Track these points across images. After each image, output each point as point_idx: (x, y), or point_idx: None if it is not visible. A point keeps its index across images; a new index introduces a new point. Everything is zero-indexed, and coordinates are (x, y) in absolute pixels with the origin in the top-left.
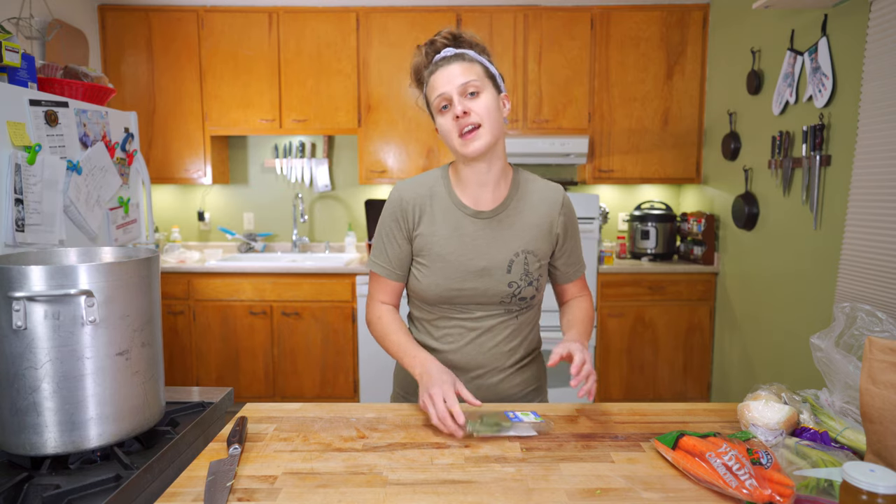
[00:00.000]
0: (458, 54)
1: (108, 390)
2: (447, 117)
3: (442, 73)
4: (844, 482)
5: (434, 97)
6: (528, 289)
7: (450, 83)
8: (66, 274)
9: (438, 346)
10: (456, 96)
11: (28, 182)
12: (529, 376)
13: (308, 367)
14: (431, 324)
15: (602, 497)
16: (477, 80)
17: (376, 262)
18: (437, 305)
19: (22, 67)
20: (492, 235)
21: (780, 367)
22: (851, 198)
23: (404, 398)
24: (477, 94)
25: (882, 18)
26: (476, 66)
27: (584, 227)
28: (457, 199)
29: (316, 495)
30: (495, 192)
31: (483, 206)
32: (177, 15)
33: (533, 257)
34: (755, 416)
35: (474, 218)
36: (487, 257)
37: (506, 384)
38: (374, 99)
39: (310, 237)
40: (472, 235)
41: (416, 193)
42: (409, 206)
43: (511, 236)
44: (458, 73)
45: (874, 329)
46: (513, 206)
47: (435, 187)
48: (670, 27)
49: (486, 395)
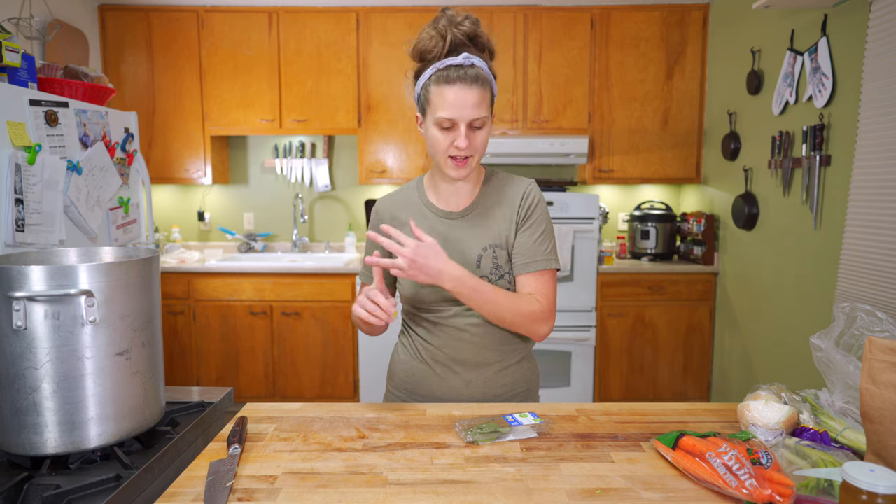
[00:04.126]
0: (476, 75)
1: (108, 390)
2: (446, 136)
3: (457, 94)
4: (844, 482)
5: (439, 114)
6: (500, 282)
7: (462, 111)
8: (66, 274)
9: (427, 341)
10: (463, 126)
11: (28, 182)
12: (519, 377)
13: (308, 367)
14: (419, 322)
15: (602, 497)
16: (486, 114)
17: (363, 272)
18: (418, 304)
19: (22, 67)
20: (461, 234)
21: (780, 367)
22: (851, 198)
23: (397, 397)
24: (482, 126)
25: (882, 18)
26: (487, 94)
27: (583, 227)
28: (428, 202)
29: (316, 495)
30: (468, 195)
31: (454, 207)
32: (177, 15)
33: (501, 251)
34: (755, 416)
35: (445, 219)
36: (457, 254)
37: (495, 381)
38: (374, 99)
39: (310, 237)
40: (443, 235)
41: (390, 204)
42: (385, 219)
43: (479, 233)
44: (472, 102)
45: (874, 329)
46: (482, 204)
47: (409, 195)
48: (670, 27)
49: (474, 393)
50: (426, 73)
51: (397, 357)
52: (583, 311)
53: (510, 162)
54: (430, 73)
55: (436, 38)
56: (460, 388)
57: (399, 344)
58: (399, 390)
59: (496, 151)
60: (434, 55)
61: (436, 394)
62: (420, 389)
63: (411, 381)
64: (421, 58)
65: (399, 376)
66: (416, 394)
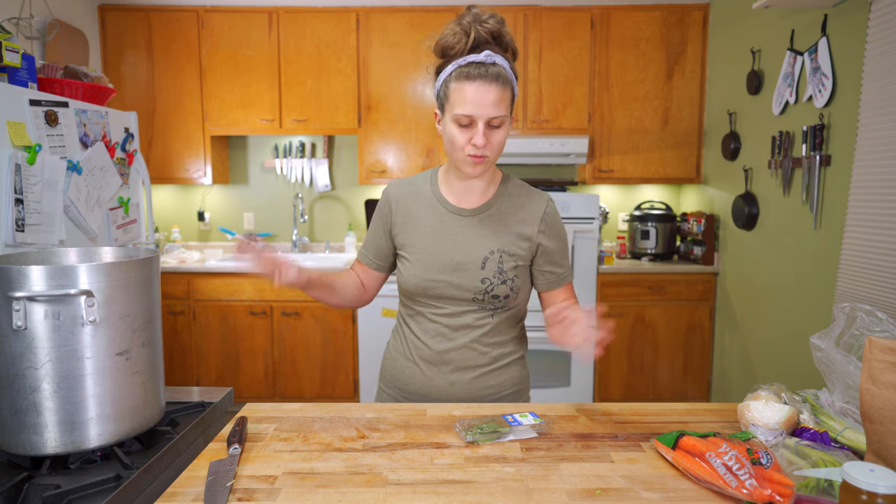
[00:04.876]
0: (497, 73)
1: (108, 390)
2: (463, 133)
3: (478, 90)
4: (844, 482)
5: (458, 110)
6: (502, 287)
7: (482, 108)
8: (66, 274)
9: (418, 337)
10: (482, 124)
11: (28, 182)
12: (506, 379)
13: (308, 367)
14: (413, 318)
15: (602, 497)
16: (505, 113)
17: (360, 250)
18: (416, 297)
19: (22, 67)
20: (471, 232)
21: (780, 367)
22: (851, 198)
23: (388, 395)
24: (500, 125)
25: (882, 18)
26: (507, 93)
27: (583, 227)
28: (441, 197)
29: (316, 495)
30: (481, 195)
31: (466, 204)
32: (177, 15)
33: (508, 257)
34: (755, 416)
35: (456, 215)
36: (463, 252)
37: (480, 383)
38: (374, 99)
39: (310, 237)
40: (451, 231)
41: (401, 191)
42: (393, 203)
43: (489, 235)
44: (492, 100)
45: (874, 329)
46: (496, 207)
47: (422, 186)
48: (670, 27)
49: (461, 392)
50: (447, 69)
51: (388, 354)
52: None
53: (510, 162)
54: (452, 70)
55: (459, 34)
56: (444, 388)
57: (391, 341)
58: (389, 388)
59: None
60: (456, 51)
61: (420, 392)
62: (408, 387)
63: (399, 378)
64: (443, 53)
65: (389, 374)
66: (404, 391)
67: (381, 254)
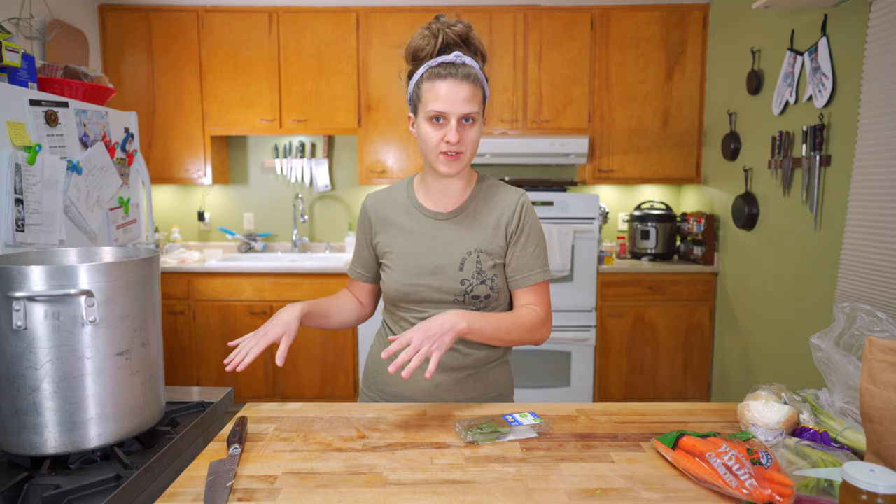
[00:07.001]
0: (467, 73)
1: (108, 390)
2: (436, 131)
3: (450, 88)
4: (844, 482)
5: (431, 107)
6: (481, 287)
7: (455, 105)
8: (66, 274)
9: None
10: (454, 120)
11: (28, 182)
12: (491, 382)
13: (308, 367)
14: (396, 322)
15: (602, 497)
16: (477, 110)
17: (350, 268)
18: (398, 303)
19: (22, 67)
20: (448, 235)
21: (780, 367)
22: (851, 198)
23: (369, 397)
24: (473, 123)
25: (882, 18)
26: (478, 92)
27: (583, 227)
28: (417, 203)
29: (316, 495)
30: (458, 197)
31: (443, 208)
32: (177, 15)
33: (486, 256)
34: (755, 416)
35: (433, 219)
36: (442, 255)
37: (465, 385)
38: (374, 99)
39: (310, 237)
40: (429, 235)
41: (378, 201)
42: (371, 214)
43: (466, 236)
44: (464, 97)
45: (874, 329)
46: (471, 208)
47: (398, 195)
48: (670, 27)
49: (444, 394)
50: (419, 72)
51: (371, 357)
52: (583, 311)
53: (510, 162)
54: (423, 71)
55: (428, 37)
56: (429, 390)
57: (374, 344)
58: (370, 390)
59: (496, 151)
60: (426, 53)
61: (404, 394)
62: (391, 389)
63: (382, 380)
64: (413, 57)
65: (371, 376)
66: (387, 394)
67: (369, 266)
